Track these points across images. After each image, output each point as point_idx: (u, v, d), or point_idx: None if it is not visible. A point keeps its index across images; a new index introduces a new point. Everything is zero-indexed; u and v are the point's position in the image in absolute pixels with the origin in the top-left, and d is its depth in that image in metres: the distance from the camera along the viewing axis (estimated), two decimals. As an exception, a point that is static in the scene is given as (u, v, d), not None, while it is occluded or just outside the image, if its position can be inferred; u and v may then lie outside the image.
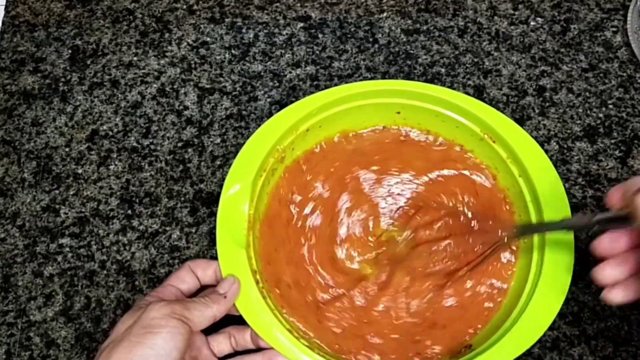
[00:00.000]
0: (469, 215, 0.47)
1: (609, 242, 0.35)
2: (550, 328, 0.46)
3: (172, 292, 0.41)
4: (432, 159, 0.49)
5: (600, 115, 0.54)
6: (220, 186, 0.45)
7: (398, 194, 0.49)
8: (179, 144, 0.54)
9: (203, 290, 0.43)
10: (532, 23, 0.58)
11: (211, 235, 0.50)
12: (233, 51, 0.58)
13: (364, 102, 0.48)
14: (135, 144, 0.54)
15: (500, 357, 0.40)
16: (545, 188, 0.44)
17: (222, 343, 0.42)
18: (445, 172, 0.49)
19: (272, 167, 0.46)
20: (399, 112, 0.49)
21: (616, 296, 0.35)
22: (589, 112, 0.54)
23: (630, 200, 0.32)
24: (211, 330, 0.41)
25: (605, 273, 0.35)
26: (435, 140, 0.50)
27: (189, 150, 0.53)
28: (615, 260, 0.35)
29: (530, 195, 0.45)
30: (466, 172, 0.49)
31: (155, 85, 0.56)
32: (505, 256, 0.46)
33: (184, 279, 0.42)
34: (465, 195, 0.48)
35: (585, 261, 0.44)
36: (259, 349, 0.42)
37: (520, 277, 0.44)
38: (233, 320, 0.42)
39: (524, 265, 0.44)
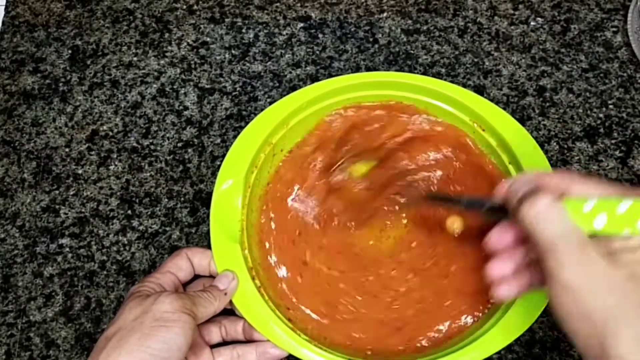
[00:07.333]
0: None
1: (497, 236, 0.36)
2: (552, 328, 0.46)
3: (171, 280, 0.41)
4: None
5: (601, 115, 0.54)
6: (221, 186, 0.45)
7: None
8: (179, 144, 0.54)
9: (196, 279, 0.43)
10: (532, 23, 0.58)
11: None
12: (233, 51, 0.58)
13: (354, 94, 0.48)
14: (135, 144, 0.54)
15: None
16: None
17: (212, 332, 0.43)
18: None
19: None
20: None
21: (501, 292, 0.36)
22: (589, 112, 0.54)
23: (514, 205, 0.33)
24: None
25: (494, 269, 0.36)
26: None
27: (189, 150, 0.53)
28: (504, 255, 0.36)
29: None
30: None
31: (155, 86, 0.56)
32: None
33: (181, 267, 0.42)
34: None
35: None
36: (248, 341, 0.43)
37: None
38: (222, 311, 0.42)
39: None
